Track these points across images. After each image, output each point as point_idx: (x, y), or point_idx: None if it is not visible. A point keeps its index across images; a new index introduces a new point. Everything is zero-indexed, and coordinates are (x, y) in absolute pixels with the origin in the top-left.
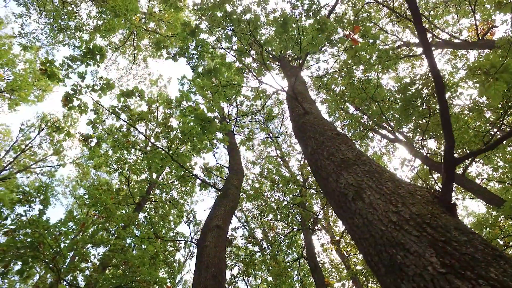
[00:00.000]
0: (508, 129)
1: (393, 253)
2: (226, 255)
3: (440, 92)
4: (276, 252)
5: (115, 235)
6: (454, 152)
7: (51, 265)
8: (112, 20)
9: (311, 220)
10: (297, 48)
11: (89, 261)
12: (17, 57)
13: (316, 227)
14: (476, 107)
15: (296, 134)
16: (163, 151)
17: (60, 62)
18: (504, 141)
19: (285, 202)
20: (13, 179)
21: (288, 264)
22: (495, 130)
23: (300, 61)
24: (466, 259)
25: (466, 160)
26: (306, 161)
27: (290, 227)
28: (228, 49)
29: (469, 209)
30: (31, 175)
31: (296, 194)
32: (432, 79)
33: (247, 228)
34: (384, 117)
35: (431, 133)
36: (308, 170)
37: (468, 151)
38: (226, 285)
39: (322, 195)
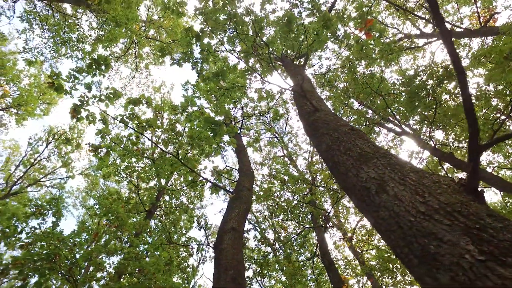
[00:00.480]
0: None
1: (425, 243)
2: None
3: (462, 79)
4: (289, 251)
5: (128, 243)
6: (462, 142)
7: (67, 276)
8: (113, 30)
9: (323, 218)
10: (303, 46)
11: (105, 270)
12: (22, 73)
13: (328, 225)
14: (484, 95)
15: (307, 132)
16: (173, 157)
17: (66, 74)
18: None
19: (295, 201)
20: (25, 193)
21: (301, 263)
22: (503, 117)
23: (303, 60)
24: (505, 245)
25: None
26: (313, 159)
27: (301, 226)
28: (230, 51)
29: None
30: (42, 188)
31: (306, 193)
32: (452, 67)
33: (258, 229)
34: (389, 111)
35: (438, 124)
36: (316, 168)
37: None
38: None
39: (331, 192)
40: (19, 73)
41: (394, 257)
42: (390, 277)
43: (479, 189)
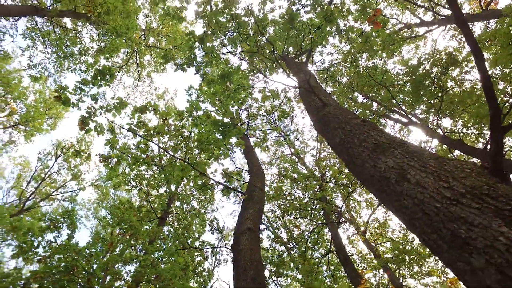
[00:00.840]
0: None
1: (455, 228)
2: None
3: (480, 62)
4: (303, 249)
5: (143, 251)
6: (471, 128)
7: (86, 287)
8: (114, 40)
9: (335, 213)
10: (307, 42)
11: (122, 279)
12: (27, 89)
13: (340, 220)
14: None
15: (317, 127)
16: (184, 162)
17: (72, 87)
18: None
19: (306, 199)
20: (38, 208)
21: (317, 260)
22: (511, 101)
23: (304, 57)
24: None
25: (488, 134)
26: (321, 155)
27: (314, 223)
28: (233, 53)
29: None
30: (54, 202)
31: (316, 190)
32: (471, 50)
33: (271, 229)
34: (395, 102)
35: (445, 112)
36: (325, 164)
37: (486, 126)
38: None
39: (342, 187)
40: (25, 89)
41: (409, 248)
42: (406, 268)
43: (505, 171)
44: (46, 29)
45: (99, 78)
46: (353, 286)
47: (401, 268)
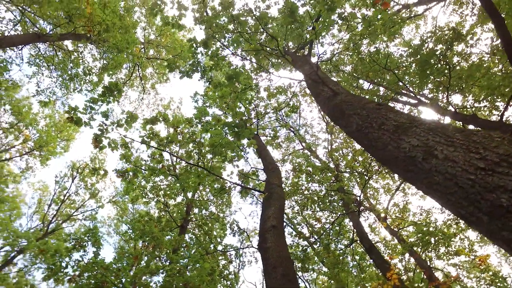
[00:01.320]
0: None
1: (494, 198)
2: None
3: (501, 25)
4: (326, 242)
5: (168, 261)
6: (483, 101)
7: None
8: (116, 56)
9: (354, 203)
10: (310, 33)
11: None
12: (37, 115)
13: (360, 209)
14: (499, 49)
15: (331, 117)
16: (200, 168)
17: (83, 107)
18: None
19: (324, 191)
20: (61, 229)
21: (341, 251)
22: None
23: (306, 50)
24: None
25: (501, 106)
26: (333, 146)
27: (334, 215)
28: (235, 54)
29: None
30: (75, 223)
31: (332, 181)
32: (489, 15)
33: (292, 225)
34: (401, 84)
35: (455, 88)
36: (337, 155)
37: (498, 98)
38: None
39: (358, 176)
40: (35, 116)
41: (433, 229)
42: (433, 250)
43: None
44: (49, 54)
45: (107, 94)
46: (380, 274)
47: (427, 251)
